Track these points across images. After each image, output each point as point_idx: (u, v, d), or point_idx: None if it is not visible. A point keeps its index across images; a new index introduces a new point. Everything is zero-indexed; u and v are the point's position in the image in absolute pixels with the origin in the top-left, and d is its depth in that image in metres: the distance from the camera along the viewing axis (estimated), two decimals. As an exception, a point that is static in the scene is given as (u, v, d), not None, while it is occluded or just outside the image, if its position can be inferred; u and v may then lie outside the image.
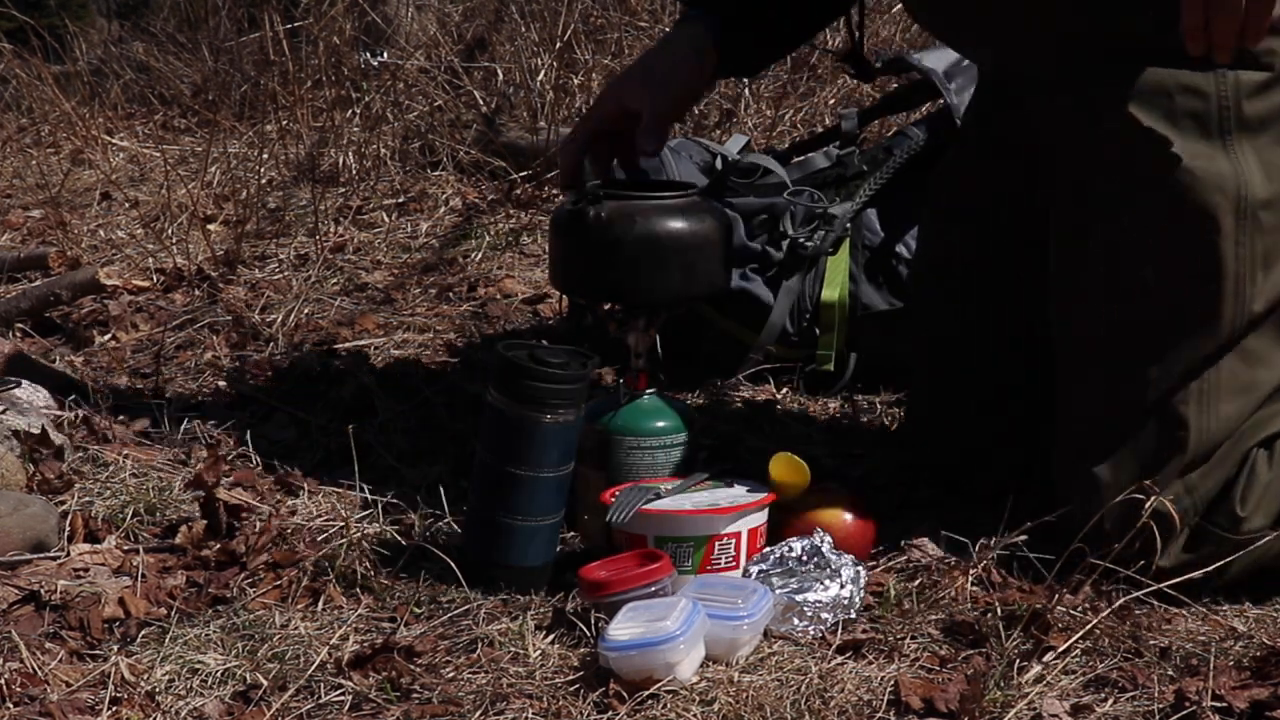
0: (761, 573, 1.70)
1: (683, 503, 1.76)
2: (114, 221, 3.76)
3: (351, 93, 4.12)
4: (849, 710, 1.49)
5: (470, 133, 3.91)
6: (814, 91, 3.95)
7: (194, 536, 1.92)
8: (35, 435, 2.11)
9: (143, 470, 2.14)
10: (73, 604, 1.73)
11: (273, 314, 2.92)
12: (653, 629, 1.52)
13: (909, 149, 2.55)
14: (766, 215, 2.55)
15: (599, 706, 1.49)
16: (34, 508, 1.89)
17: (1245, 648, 1.61)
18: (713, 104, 3.91)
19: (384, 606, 1.74)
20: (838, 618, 1.65)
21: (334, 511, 1.98)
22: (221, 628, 1.68)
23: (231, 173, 3.92)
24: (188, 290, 3.14)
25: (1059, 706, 1.48)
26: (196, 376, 2.64)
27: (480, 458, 1.80)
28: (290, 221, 3.61)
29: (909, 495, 2.06)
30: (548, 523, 1.77)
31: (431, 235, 3.49)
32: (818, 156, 2.69)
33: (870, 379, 2.49)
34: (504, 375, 1.76)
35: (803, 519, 1.80)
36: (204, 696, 1.54)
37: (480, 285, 3.14)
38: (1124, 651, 1.59)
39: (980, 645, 1.61)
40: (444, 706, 1.51)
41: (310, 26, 4.29)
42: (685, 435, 1.90)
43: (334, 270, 3.27)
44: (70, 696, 1.53)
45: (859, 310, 2.49)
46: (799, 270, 2.49)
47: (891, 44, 4.07)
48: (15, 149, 4.58)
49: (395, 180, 3.78)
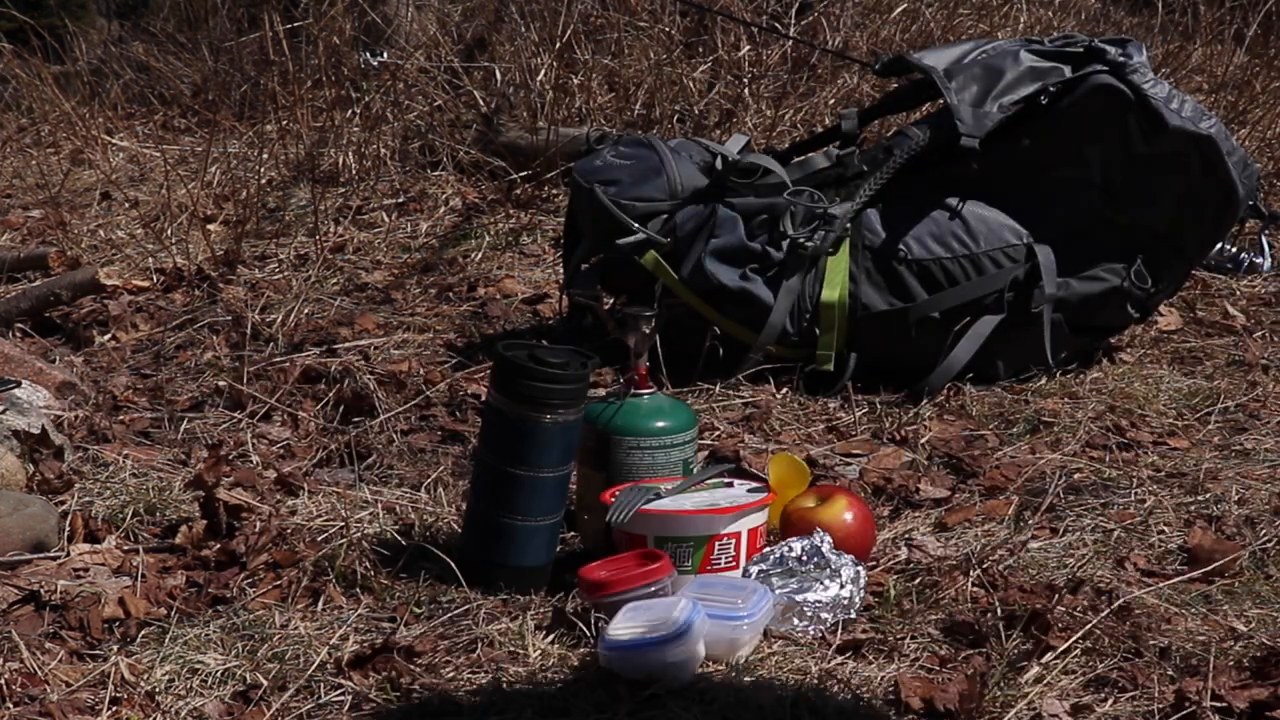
0: (761, 573, 1.70)
1: (683, 503, 1.76)
2: (114, 221, 3.76)
3: (351, 93, 4.12)
4: (849, 710, 1.49)
5: (470, 133, 3.91)
6: (814, 91, 3.95)
7: (194, 536, 1.92)
8: (35, 435, 2.11)
9: (143, 470, 2.14)
10: (73, 604, 1.73)
11: (273, 314, 2.92)
12: (652, 629, 1.52)
13: (909, 149, 2.55)
14: (767, 215, 2.55)
15: (598, 706, 1.49)
16: (34, 508, 1.89)
17: (1245, 648, 1.61)
18: (713, 104, 3.91)
19: (384, 606, 1.74)
20: (838, 618, 1.65)
21: (334, 511, 1.98)
22: (221, 628, 1.68)
23: (231, 173, 3.92)
24: (188, 290, 3.14)
25: (1059, 706, 1.48)
26: (196, 376, 2.64)
27: (480, 458, 1.80)
28: (290, 221, 3.61)
29: (909, 495, 2.06)
30: (548, 523, 1.77)
31: (431, 235, 3.49)
32: (818, 156, 2.69)
33: (870, 379, 2.49)
34: (504, 375, 1.76)
35: (803, 519, 1.80)
36: (204, 696, 1.54)
37: (480, 285, 3.14)
38: (1124, 651, 1.59)
39: (980, 645, 1.61)
40: (444, 706, 1.51)
41: (310, 26, 4.29)
42: (685, 435, 1.90)
43: (334, 270, 3.27)
44: (70, 696, 1.53)
45: (859, 310, 2.49)
46: (799, 270, 2.49)
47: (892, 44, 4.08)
48: (15, 149, 4.58)
49: (395, 180, 3.78)
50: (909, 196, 2.54)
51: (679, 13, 4.15)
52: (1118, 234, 2.52)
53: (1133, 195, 2.51)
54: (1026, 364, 2.54)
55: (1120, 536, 1.90)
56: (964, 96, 2.50)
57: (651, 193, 2.59)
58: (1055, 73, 2.51)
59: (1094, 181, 2.51)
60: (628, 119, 3.89)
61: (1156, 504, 2.00)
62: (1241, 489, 2.05)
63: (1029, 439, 2.29)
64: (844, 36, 4.13)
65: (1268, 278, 3.14)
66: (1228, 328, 2.85)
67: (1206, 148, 2.47)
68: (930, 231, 2.50)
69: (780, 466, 1.92)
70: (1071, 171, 2.52)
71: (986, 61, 2.54)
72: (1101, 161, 2.50)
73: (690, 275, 2.53)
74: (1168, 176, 2.49)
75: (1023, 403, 2.43)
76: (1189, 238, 2.56)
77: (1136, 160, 2.48)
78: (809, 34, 4.09)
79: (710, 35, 4.10)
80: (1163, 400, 2.45)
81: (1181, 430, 2.32)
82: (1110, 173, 2.50)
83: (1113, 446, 2.24)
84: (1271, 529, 1.90)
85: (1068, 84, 2.50)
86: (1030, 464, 2.16)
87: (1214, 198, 2.52)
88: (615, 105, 3.94)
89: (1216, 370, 2.62)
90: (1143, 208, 2.51)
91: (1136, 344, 2.75)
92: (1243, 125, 3.80)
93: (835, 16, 4.16)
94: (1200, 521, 1.94)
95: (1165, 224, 2.53)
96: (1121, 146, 2.48)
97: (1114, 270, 2.53)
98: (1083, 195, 2.51)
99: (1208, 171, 2.48)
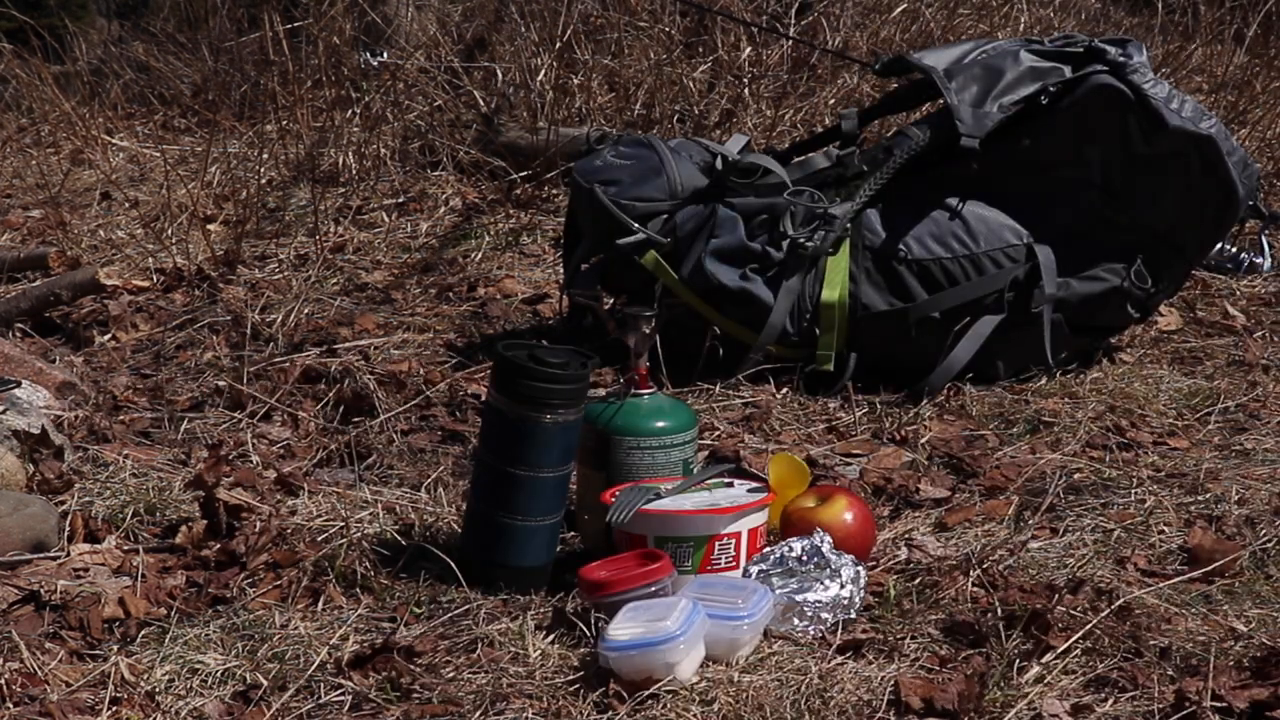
0: (762, 573, 1.70)
1: (683, 503, 1.76)
2: (114, 221, 3.76)
3: (351, 93, 4.12)
4: (849, 710, 1.49)
5: (470, 133, 3.91)
6: (814, 91, 3.95)
7: (194, 536, 1.92)
8: (35, 435, 2.11)
9: (143, 470, 2.14)
10: (73, 604, 1.73)
11: (273, 314, 2.92)
12: (652, 629, 1.52)
13: (909, 149, 2.54)
14: (767, 215, 2.55)
15: (599, 706, 1.49)
16: (34, 508, 1.89)
17: (1245, 648, 1.61)
18: (713, 104, 3.91)
19: (384, 606, 1.74)
20: (838, 618, 1.65)
21: (334, 511, 1.98)
22: (221, 628, 1.68)
23: (231, 173, 3.92)
24: (188, 290, 3.14)
25: (1059, 706, 1.48)
26: (196, 376, 2.64)
27: (480, 458, 1.80)
28: (290, 221, 3.61)
29: (909, 495, 2.06)
30: (548, 523, 1.77)
31: (431, 235, 3.49)
32: (818, 156, 2.69)
33: (870, 379, 2.49)
34: (504, 375, 1.76)
35: (803, 519, 1.80)
36: (204, 696, 1.54)
37: (480, 285, 3.14)
38: (1124, 651, 1.59)
39: (980, 645, 1.61)
40: (444, 706, 1.51)
41: (310, 26, 4.29)
42: (685, 435, 1.90)
43: (334, 270, 3.27)
44: (70, 696, 1.53)
45: (859, 310, 2.49)
46: (799, 270, 2.49)
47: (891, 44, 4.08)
48: (15, 149, 4.58)
49: (395, 180, 3.78)
50: (909, 196, 2.54)
51: (679, 13, 4.15)
52: (1118, 234, 2.52)
53: (1133, 195, 2.51)
54: (1026, 364, 2.54)
55: (1120, 536, 1.90)
56: (964, 97, 2.50)
57: (651, 193, 2.59)
58: (1055, 73, 2.51)
59: (1094, 181, 2.51)
60: (628, 119, 3.89)
61: (1157, 504, 2.00)
62: (1242, 489, 2.05)
63: (1029, 439, 2.29)
64: (844, 36, 4.12)
65: (1268, 278, 3.14)
66: (1228, 328, 2.85)
67: (1206, 148, 2.47)
68: (930, 231, 2.50)
69: (780, 466, 1.91)
70: (1072, 171, 2.52)
71: (986, 61, 2.54)
72: (1101, 161, 2.50)
73: (690, 275, 2.53)
74: (1168, 177, 2.49)
75: (1023, 403, 2.43)
76: (1189, 238, 2.56)
77: (1136, 160, 2.48)
78: (809, 34, 4.09)
79: (710, 35, 4.10)
80: (1163, 400, 2.45)
81: (1182, 430, 2.32)
82: (1110, 173, 2.50)
83: (1113, 446, 2.23)
84: (1272, 529, 1.90)
85: (1068, 84, 2.50)
86: (1030, 464, 2.16)
87: (1214, 198, 2.52)
88: (615, 105, 3.94)
89: (1216, 370, 2.62)
90: (1143, 208, 2.51)
91: (1137, 344, 2.75)
92: (1243, 125, 3.80)
93: (835, 16, 4.16)
94: (1200, 521, 1.94)
95: (1165, 224, 2.53)
96: (1121, 147, 2.48)
97: (1114, 270, 2.53)
98: (1083, 195, 2.51)
99: (1208, 172, 2.48)
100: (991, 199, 2.52)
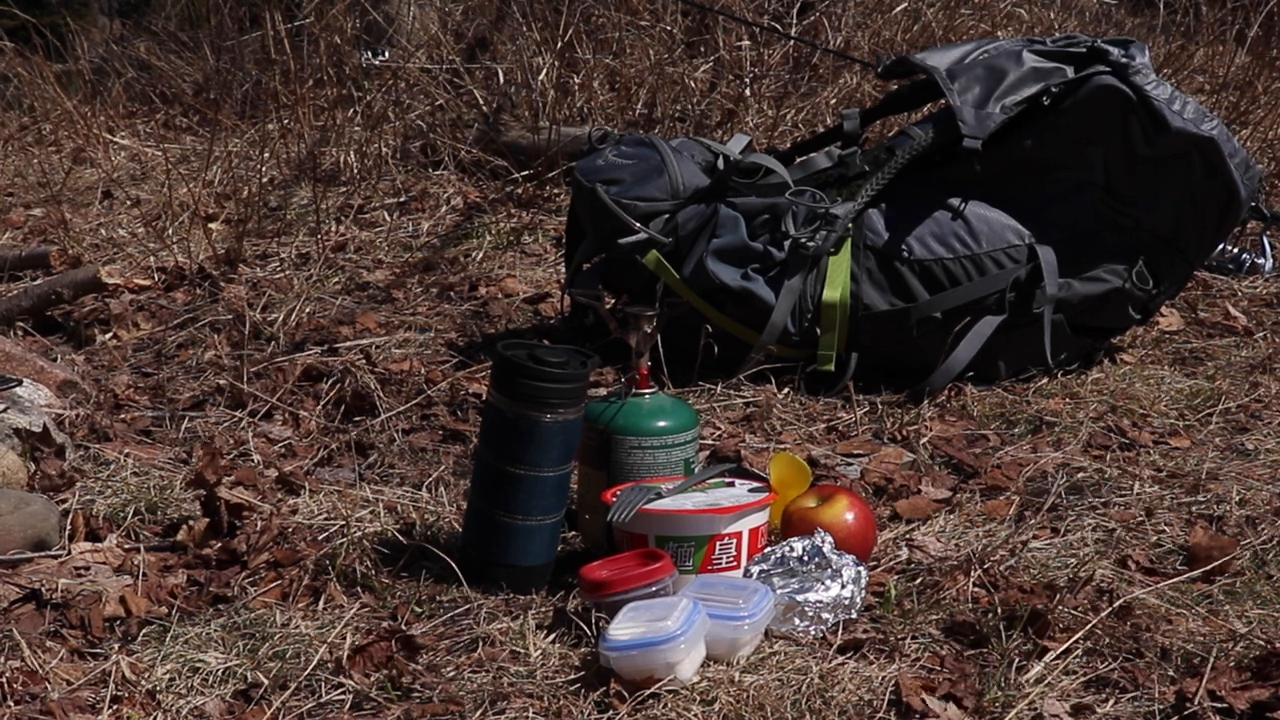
0: (762, 573, 1.70)
1: (684, 502, 1.76)
2: (115, 220, 3.76)
3: (353, 92, 4.13)
4: (850, 710, 1.49)
5: (471, 132, 3.91)
6: (815, 91, 3.95)
7: (195, 535, 1.92)
8: (37, 433, 2.11)
9: (144, 469, 2.14)
10: (74, 602, 1.73)
11: (274, 313, 2.92)
12: (653, 629, 1.52)
13: (911, 149, 2.54)
14: (768, 215, 2.55)
15: (599, 706, 1.49)
16: (35, 506, 1.89)
17: (1245, 648, 1.61)
18: (715, 104, 3.91)
19: (384, 605, 1.74)
20: (839, 618, 1.65)
21: (334, 511, 1.98)
22: (222, 626, 1.68)
23: (233, 171, 3.92)
24: (189, 289, 3.14)
25: (1059, 707, 1.48)
26: (198, 375, 2.64)
27: (481, 457, 1.80)
28: (291, 220, 3.62)
29: (910, 495, 2.06)
30: (548, 522, 1.77)
31: (433, 234, 3.49)
32: (820, 156, 2.69)
33: (871, 379, 2.49)
34: (504, 374, 1.76)
35: (804, 519, 1.80)
36: (205, 695, 1.54)
37: (481, 284, 3.14)
38: (1124, 652, 1.59)
39: (980, 645, 1.61)
40: (444, 706, 1.51)
41: (311, 25, 4.29)
42: (686, 435, 1.90)
43: (335, 269, 3.27)
44: (71, 695, 1.53)
45: (860, 310, 2.49)
46: (801, 270, 2.49)
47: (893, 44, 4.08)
48: (17, 147, 4.58)
49: (396, 179, 3.78)
50: (911, 197, 2.54)
51: (680, 12, 4.15)
52: (1119, 235, 2.52)
53: (1135, 196, 2.51)
54: (1027, 364, 2.54)
55: (1121, 536, 1.90)
56: (966, 97, 2.50)
57: (653, 192, 2.59)
58: (1058, 73, 2.51)
59: (1096, 182, 2.51)
60: (629, 118, 3.89)
61: (1157, 504, 2.00)
62: (1242, 489, 2.05)
63: (1030, 439, 2.29)
64: (845, 36, 4.13)
65: (1269, 279, 3.14)
66: (1229, 328, 2.85)
67: (1208, 149, 2.47)
68: (932, 232, 2.50)
69: (781, 466, 1.91)
70: (1073, 172, 2.52)
71: (989, 62, 2.54)
72: (1103, 162, 2.50)
73: (692, 275, 2.53)
74: (1170, 178, 2.49)
75: (1024, 403, 2.43)
76: (1191, 239, 2.56)
77: (1138, 161, 2.48)
78: (810, 34, 4.09)
79: (712, 35, 4.11)
80: (1164, 400, 2.45)
81: (1183, 430, 2.32)
82: (1112, 174, 2.50)
83: (1114, 447, 2.24)
84: (1272, 529, 1.90)
85: (1070, 85, 2.50)
86: (1031, 464, 2.16)
87: (1216, 199, 2.52)
88: (617, 105, 3.94)
89: (1218, 371, 2.62)
90: (1145, 209, 2.51)
91: (1138, 344, 2.75)
92: (1244, 126, 3.80)
93: (837, 16, 4.16)
94: (1201, 521, 1.94)
95: (1167, 225, 2.53)
96: (1124, 148, 2.48)
97: (1116, 271, 2.52)
98: (1085, 196, 2.51)
99: (1209, 173, 2.48)
100: (993, 199, 2.52)
